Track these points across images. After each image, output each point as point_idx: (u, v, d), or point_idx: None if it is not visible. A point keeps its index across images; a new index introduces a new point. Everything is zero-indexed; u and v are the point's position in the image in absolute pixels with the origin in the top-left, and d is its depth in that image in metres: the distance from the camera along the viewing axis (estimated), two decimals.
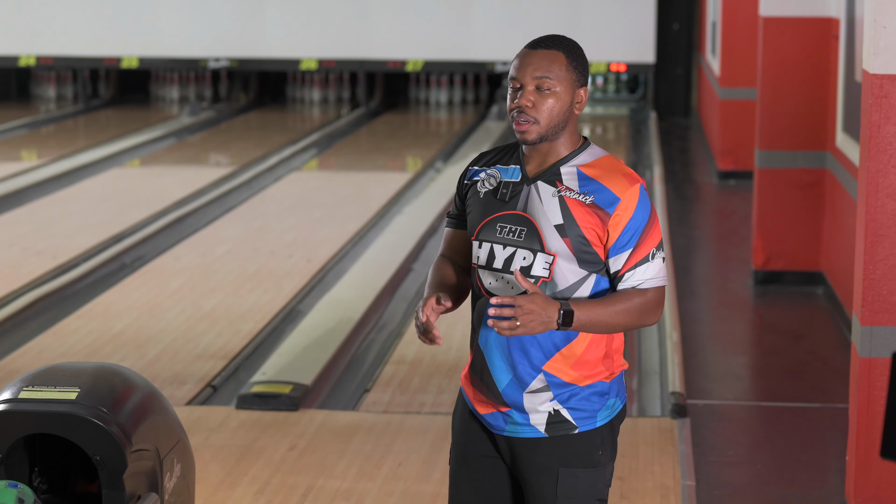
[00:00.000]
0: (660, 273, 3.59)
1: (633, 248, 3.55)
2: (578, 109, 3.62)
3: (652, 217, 3.58)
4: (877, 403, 5.32)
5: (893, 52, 5.19)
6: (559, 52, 3.58)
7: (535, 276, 3.56)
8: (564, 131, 3.60)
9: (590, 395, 3.61)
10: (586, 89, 3.63)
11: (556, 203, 3.56)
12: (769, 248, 9.34)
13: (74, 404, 3.81)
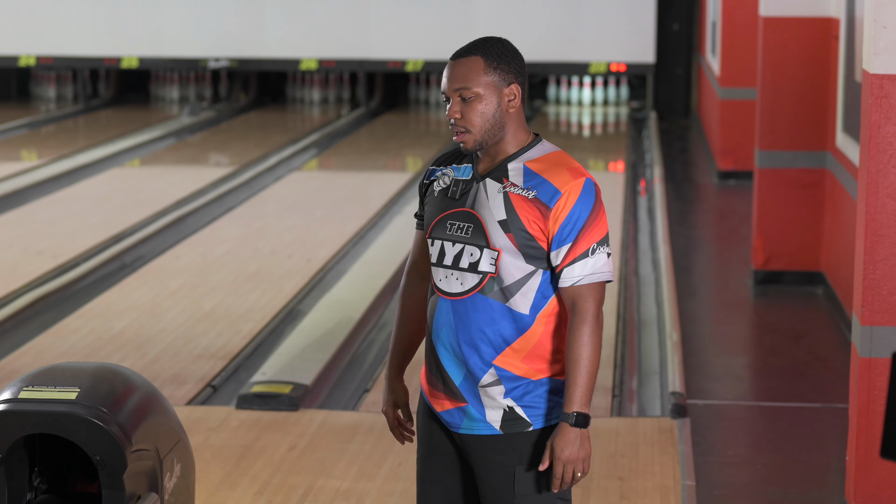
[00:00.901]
0: (602, 268, 3.56)
1: (572, 243, 3.55)
2: (513, 107, 3.60)
3: (595, 211, 3.55)
4: (877, 403, 5.32)
5: (893, 52, 5.19)
6: (477, 57, 3.59)
7: (482, 271, 3.57)
8: (506, 131, 3.61)
9: (544, 393, 3.60)
10: (517, 85, 3.60)
11: (500, 199, 3.58)
12: (769, 248, 9.34)
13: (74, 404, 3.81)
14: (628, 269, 9.79)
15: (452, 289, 3.61)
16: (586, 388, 3.53)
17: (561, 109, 18.91)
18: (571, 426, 3.52)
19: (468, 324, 3.59)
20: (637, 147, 15.93)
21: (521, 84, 3.62)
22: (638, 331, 8.36)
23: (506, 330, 3.57)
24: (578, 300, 3.55)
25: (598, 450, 6.13)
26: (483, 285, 3.58)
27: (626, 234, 10.87)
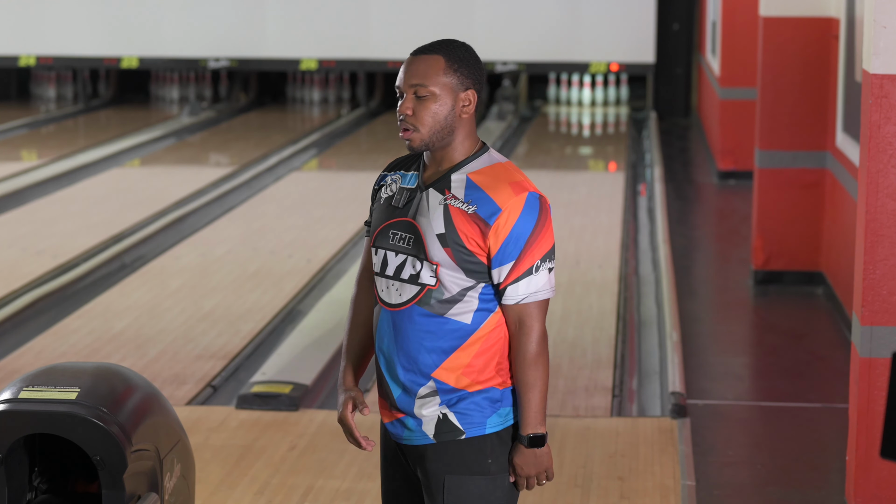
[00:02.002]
0: (545, 286, 3.51)
1: (514, 261, 3.47)
2: (466, 113, 3.54)
3: (539, 228, 3.48)
4: (877, 403, 5.32)
5: (893, 52, 5.19)
6: (438, 56, 3.53)
7: (422, 283, 3.51)
8: (454, 137, 3.55)
9: (480, 401, 3.53)
10: (474, 92, 3.54)
11: (440, 212, 3.52)
12: (769, 248, 9.34)
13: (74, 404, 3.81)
14: (628, 269, 9.79)
15: (392, 299, 3.56)
16: (540, 408, 3.50)
17: (561, 109, 18.91)
18: (527, 448, 3.51)
19: (407, 335, 3.53)
20: (637, 147, 15.93)
21: (478, 92, 3.55)
22: (638, 331, 8.36)
23: (444, 342, 3.51)
24: (524, 318, 3.50)
25: (598, 450, 6.13)
26: (420, 297, 3.51)
27: (626, 234, 10.87)
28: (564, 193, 12.76)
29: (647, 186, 13.16)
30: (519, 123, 17.71)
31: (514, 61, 18.15)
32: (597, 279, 9.36)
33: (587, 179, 14.20)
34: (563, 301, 8.78)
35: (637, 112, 18.54)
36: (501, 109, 17.80)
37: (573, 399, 6.95)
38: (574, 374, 7.33)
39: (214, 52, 18.53)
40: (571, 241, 10.59)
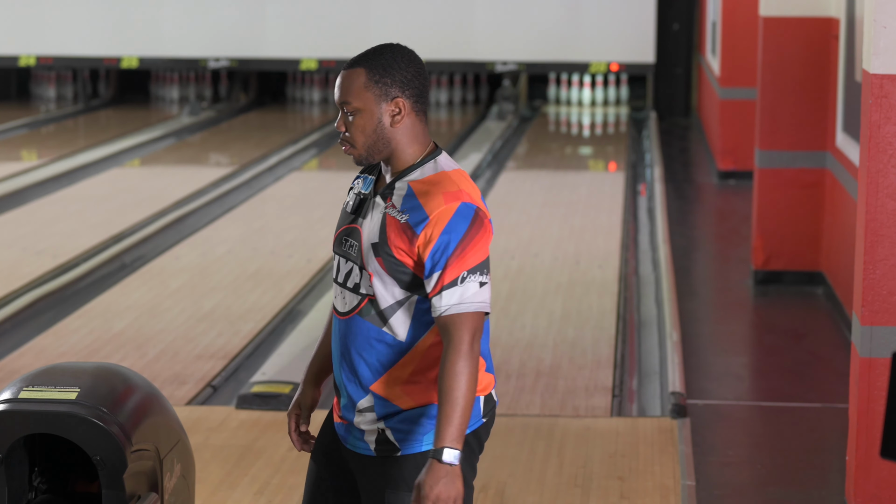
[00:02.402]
0: (472, 298, 3.40)
1: (441, 271, 3.38)
2: (397, 122, 3.46)
3: (468, 238, 3.39)
4: (877, 403, 5.32)
5: (893, 52, 5.19)
6: (360, 70, 3.45)
7: (363, 293, 3.47)
8: (394, 146, 3.47)
9: (416, 417, 3.47)
10: (402, 100, 3.44)
11: (379, 220, 3.46)
12: (769, 248, 9.34)
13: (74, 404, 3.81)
14: (628, 269, 9.79)
15: (340, 307, 3.53)
16: (459, 424, 3.35)
17: (561, 109, 18.91)
18: (440, 462, 3.34)
19: (349, 345, 3.50)
20: (637, 147, 15.93)
21: (409, 97, 3.46)
22: (638, 331, 8.36)
23: (383, 356, 3.46)
24: (450, 330, 3.39)
25: (598, 450, 6.13)
26: (361, 307, 3.47)
27: (626, 234, 10.87)
28: (564, 193, 12.76)
29: (647, 186, 13.16)
30: (519, 123, 17.71)
31: (514, 61, 18.15)
32: (597, 279, 9.36)
33: (587, 179, 14.20)
34: (563, 301, 8.78)
35: (637, 112, 18.54)
36: (501, 109, 17.79)
37: (573, 399, 6.95)
38: (574, 374, 7.33)
39: (214, 52, 18.53)
40: (571, 241, 10.59)
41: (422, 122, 3.50)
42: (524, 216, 11.58)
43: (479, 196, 3.49)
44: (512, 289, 9.08)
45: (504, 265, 9.73)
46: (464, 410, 3.36)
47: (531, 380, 7.22)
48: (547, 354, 7.68)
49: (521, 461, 6.00)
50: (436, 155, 3.50)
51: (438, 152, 3.51)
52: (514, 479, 5.80)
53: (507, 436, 6.30)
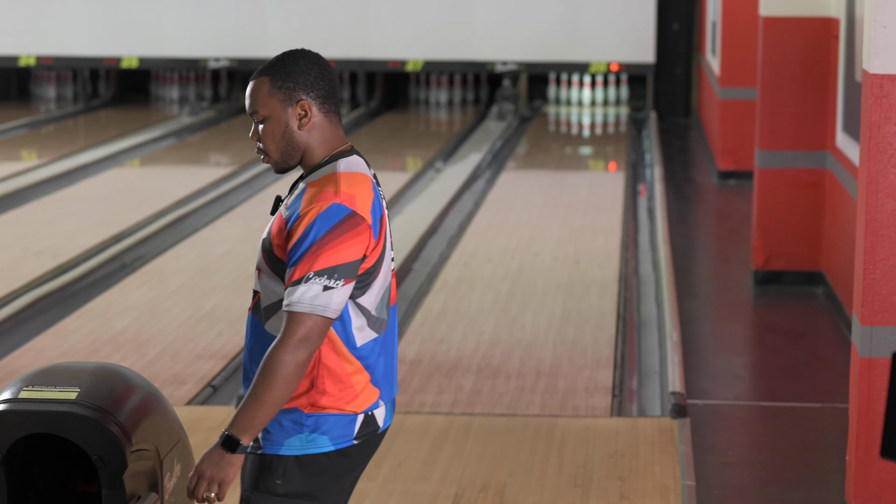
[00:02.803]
0: (310, 300, 3.31)
1: (293, 267, 3.35)
2: (305, 125, 3.47)
3: (326, 239, 3.33)
4: (877, 403, 5.32)
5: (893, 52, 5.19)
6: (264, 79, 3.47)
7: (254, 290, 3.51)
8: (305, 149, 3.48)
9: (283, 420, 3.42)
10: (306, 102, 3.45)
11: (272, 219, 3.50)
12: (769, 248, 9.34)
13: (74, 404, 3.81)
14: (628, 269, 9.79)
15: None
16: (252, 415, 3.31)
17: (561, 109, 18.91)
18: (219, 446, 3.34)
19: (246, 342, 3.54)
20: (637, 147, 15.93)
21: (314, 98, 3.46)
22: (638, 331, 8.36)
23: (265, 353, 3.43)
24: (284, 326, 3.34)
25: (598, 450, 6.13)
26: (254, 305, 3.50)
27: (626, 234, 10.88)
28: (564, 193, 12.76)
29: (647, 186, 13.16)
30: (519, 123, 17.71)
31: (514, 61, 18.15)
32: (597, 279, 9.36)
33: (587, 179, 14.20)
34: (563, 301, 8.79)
35: (637, 112, 18.54)
36: (501, 109, 17.79)
37: (573, 399, 6.95)
38: (574, 374, 7.33)
39: (214, 52, 18.53)
40: (571, 241, 10.60)
41: (332, 122, 3.51)
42: (524, 216, 11.58)
43: (369, 202, 3.42)
44: (512, 289, 9.08)
45: (504, 265, 9.73)
46: (264, 406, 3.32)
47: (531, 380, 7.23)
48: (547, 354, 7.68)
49: (521, 461, 6.01)
50: (343, 156, 3.49)
51: (346, 154, 3.50)
52: (514, 479, 5.80)
53: (507, 436, 6.30)
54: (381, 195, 3.51)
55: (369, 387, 3.46)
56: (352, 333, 3.43)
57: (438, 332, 8.09)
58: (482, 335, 7.99)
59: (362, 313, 3.44)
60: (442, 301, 8.75)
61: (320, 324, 3.33)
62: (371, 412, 3.47)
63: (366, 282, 3.42)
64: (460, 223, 11.37)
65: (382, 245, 3.44)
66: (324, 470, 3.45)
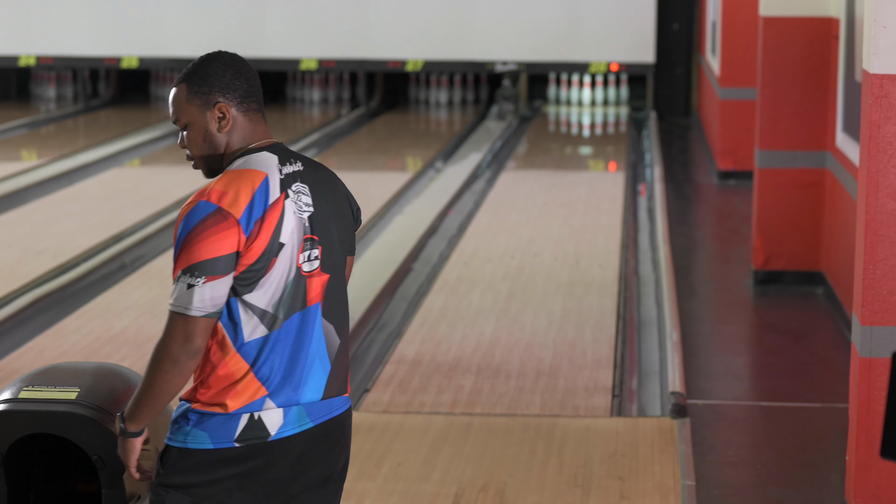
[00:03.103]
0: (177, 300, 3.36)
1: (174, 266, 3.41)
2: (225, 127, 3.48)
3: (190, 237, 3.34)
4: (877, 403, 5.32)
5: (893, 52, 5.19)
6: (182, 86, 3.52)
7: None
8: (227, 151, 3.50)
9: (178, 411, 3.50)
10: (223, 105, 3.48)
11: None
12: (769, 248, 9.34)
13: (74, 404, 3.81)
14: (628, 269, 9.79)
15: None
16: (134, 404, 3.46)
17: (561, 109, 18.91)
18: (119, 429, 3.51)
19: None
20: (637, 147, 15.93)
21: (231, 100, 3.49)
22: (638, 331, 8.36)
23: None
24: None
25: (598, 450, 6.13)
26: None
27: (626, 234, 10.88)
28: (564, 193, 12.76)
29: (647, 186, 13.17)
30: (519, 123, 17.72)
31: (514, 61, 18.15)
32: (597, 279, 9.36)
33: (587, 179, 14.20)
34: (563, 301, 8.79)
35: (637, 112, 18.54)
36: (501, 109, 17.79)
37: (573, 399, 6.95)
38: (574, 374, 7.33)
39: None
40: (571, 240, 10.60)
41: (253, 120, 3.52)
42: (524, 216, 11.58)
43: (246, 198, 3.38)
44: (512, 289, 9.08)
45: (504, 265, 9.73)
46: (144, 397, 3.45)
47: (531, 380, 7.22)
48: (547, 354, 7.68)
49: (521, 461, 6.01)
50: (249, 153, 3.49)
51: (256, 151, 3.49)
52: (514, 479, 5.80)
53: (507, 436, 6.30)
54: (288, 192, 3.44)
55: (254, 385, 3.43)
56: (241, 331, 3.41)
57: (438, 332, 8.09)
58: (482, 335, 7.99)
59: (252, 311, 3.40)
60: (442, 301, 8.75)
61: (183, 323, 3.37)
62: (256, 414, 3.42)
63: (252, 279, 3.38)
64: (460, 223, 11.37)
65: (269, 242, 3.38)
66: (200, 467, 3.43)
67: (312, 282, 3.47)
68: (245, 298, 3.39)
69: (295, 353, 3.45)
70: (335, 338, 3.52)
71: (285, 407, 3.44)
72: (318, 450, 3.49)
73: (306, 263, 3.45)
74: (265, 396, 3.42)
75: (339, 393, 3.54)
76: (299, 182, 3.48)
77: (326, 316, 3.49)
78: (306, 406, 3.47)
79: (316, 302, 3.48)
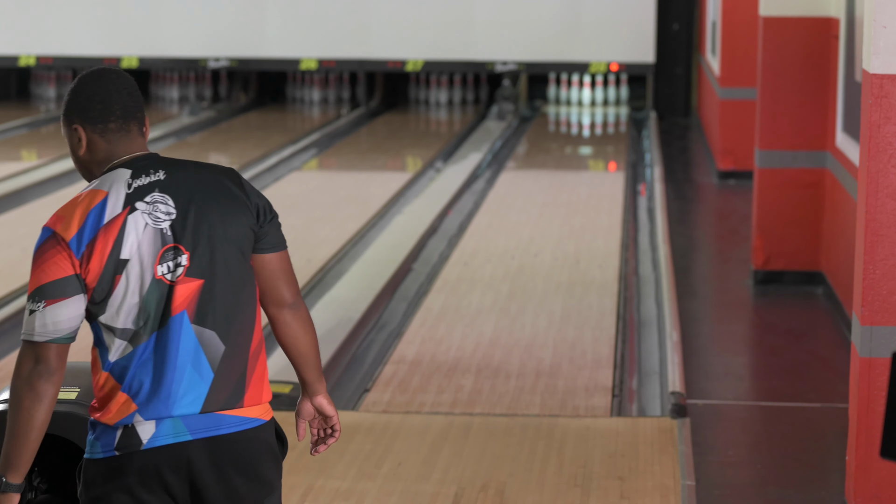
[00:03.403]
0: (25, 326, 3.35)
1: None
2: (83, 147, 3.50)
3: (33, 261, 3.38)
4: (877, 403, 5.32)
5: (893, 52, 5.19)
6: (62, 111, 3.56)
7: None
8: (93, 170, 3.52)
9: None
10: (76, 126, 3.49)
11: None
12: (769, 248, 9.34)
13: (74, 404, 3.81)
14: (628, 269, 9.79)
15: None
16: (4, 454, 3.36)
17: (561, 109, 18.91)
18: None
19: None
20: (637, 147, 15.93)
21: (81, 121, 3.49)
22: (638, 331, 8.36)
23: None
24: None
25: (598, 450, 6.13)
26: None
27: (626, 234, 10.87)
28: (564, 193, 12.76)
29: (647, 186, 13.16)
30: (519, 123, 17.71)
31: (514, 61, 18.15)
32: (597, 279, 9.36)
33: (587, 179, 14.20)
34: (563, 301, 8.79)
35: (637, 112, 18.54)
36: (501, 109, 17.79)
37: (573, 399, 6.95)
38: (574, 374, 7.33)
39: (214, 52, 18.53)
40: (571, 241, 10.60)
41: (114, 140, 3.53)
42: (524, 216, 11.58)
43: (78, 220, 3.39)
44: (512, 289, 9.08)
45: (504, 265, 9.73)
46: (11, 439, 3.34)
47: (531, 380, 7.22)
48: (547, 354, 7.68)
49: (521, 461, 6.00)
50: (110, 170, 3.49)
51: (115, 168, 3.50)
52: (514, 479, 5.80)
53: (507, 436, 6.30)
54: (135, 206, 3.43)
55: (125, 401, 3.41)
56: (107, 351, 3.41)
57: (438, 331, 8.09)
58: (482, 335, 7.99)
59: (111, 331, 3.40)
60: (442, 301, 8.75)
61: (31, 349, 3.35)
62: (130, 425, 3.41)
63: (98, 300, 3.39)
64: (460, 223, 11.37)
65: (106, 261, 3.38)
66: (98, 475, 3.43)
67: (177, 290, 3.41)
68: (101, 320, 3.39)
69: (161, 366, 3.40)
70: (218, 344, 3.43)
71: (157, 419, 3.41)
72: (207, 470, 3.42)
73: (168, 273, 3.41)
74: (135, 412, 3.40)
75: (229, 406, 3.46)
76: (157, 192, 3.46)
77: (200, 322, 3.41)
78: (184, 419, 3.41)
79: (181, 310, 3.41)
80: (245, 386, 3.50)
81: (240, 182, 3.55)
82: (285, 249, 3.58)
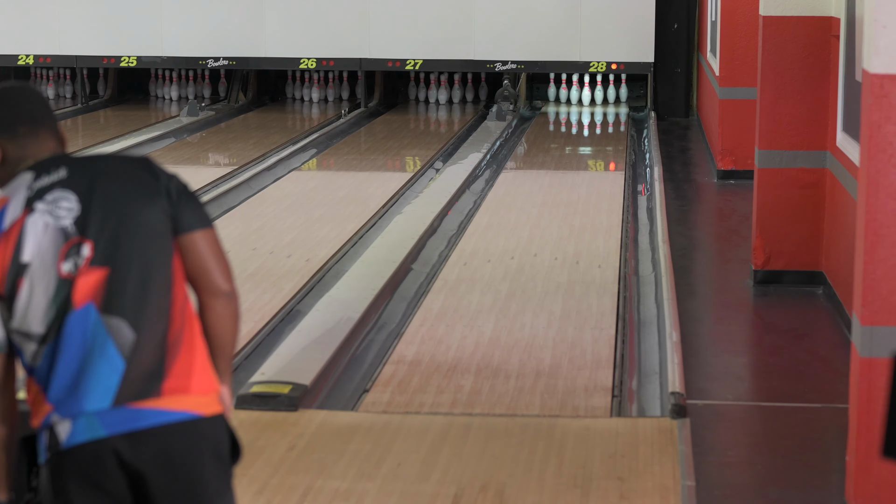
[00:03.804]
0: None
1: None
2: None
3: None
4: (877, 403, 5.31)
5: (893, 52, 5.18)
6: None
7: None
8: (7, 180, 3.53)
9: None
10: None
11: None
12: (769, 248, 9.33)
13: None
14: (628, 269, 9.78)
15: None
16: None
17: (561, 109, 18.90)
18: None
19: None
20: (637, 147, 15.92)
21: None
22: (638, 331, 8.35)
23: None
24: None
25: (597, 450, 6.13)
26: None
27: (625, 234, 10.87)
28: (564, 193, 12.75)
29: (647, 186, 13.16)
30: (519, 123, 17.71)
31: (514, 61, 18.14)
32: (596, 279, 9.36)
33: (587, 179, 14.19)
34: (563, 301, 8.78)
35: (637, 112, 18.53)
36: (501, 109, 17.78)
37: (573, 399, 6.94)
38: (574, 374, 7.32)
39: (214, 51, 18.52)
40: (571, 240, 10.59)
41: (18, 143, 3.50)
42: (524, 216, 11.57)
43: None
44: (512, 289, 9.08)
45: (504, 265, 9.72)
46: None
47: (531, 380, 7.22)
48: (546, 354, 7.67)
49: (521, 461, 6.00)
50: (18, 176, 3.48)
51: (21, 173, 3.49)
52: (513, 479, 5.79)
53: (507, 436, 6.29)
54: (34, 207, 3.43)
55: (43, 403, 3.43)
56: (24, 358, 3.43)
57: (438, 332, 8.08)
58: (482, 335, 7.99)
59: (23, 336, 3.41)
60: (441, 301, 8.75)
61: None
62: (50, 425, 3.43)
63: (6, 306, 3.41)
64: (460, 223, 11.37)
65: (8, 267, 3.38)
66: (43, 480, 3.46)
67: (78, 283, 3.38)
68: (12, 326, 3.40)
69: (68, 361, 3.38)
70: (128, 332, 3.39)
71: (72, 417, 3.39)
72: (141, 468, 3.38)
73: (74, 269, 3.40)
74: (52, 412, 3.40)
75: (144, 396, 3.39)
76: (58, 189, 3.43)
77: (108, 311, 3.38)
78: (98, 415, 3.38)
79: (87, 301, 3.38)
80: (163, 374, 3.44)
81: (149, 166, 3.53)
82: (208, 228, 3.53)
